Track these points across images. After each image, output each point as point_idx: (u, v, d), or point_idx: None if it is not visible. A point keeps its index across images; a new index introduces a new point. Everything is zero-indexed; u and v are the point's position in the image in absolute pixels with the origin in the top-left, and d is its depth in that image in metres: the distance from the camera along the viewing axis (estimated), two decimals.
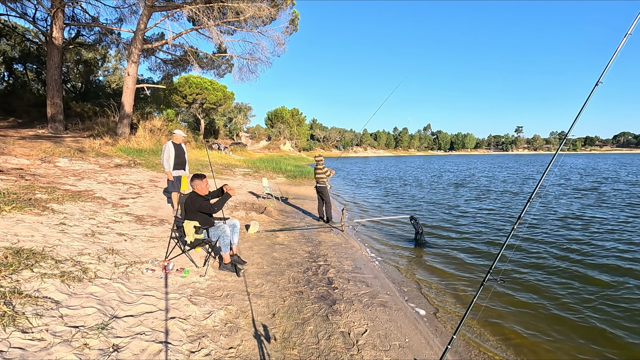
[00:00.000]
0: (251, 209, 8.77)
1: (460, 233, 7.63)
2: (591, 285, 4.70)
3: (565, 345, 3.38)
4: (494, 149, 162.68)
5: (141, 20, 15.17)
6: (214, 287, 3.80)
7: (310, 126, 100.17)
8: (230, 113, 63.45)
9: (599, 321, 3.78)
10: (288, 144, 71.03)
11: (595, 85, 2.17)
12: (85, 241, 4.20)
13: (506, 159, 69.45)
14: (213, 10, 14.61)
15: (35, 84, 24.15)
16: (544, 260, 5.68)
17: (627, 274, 5.04)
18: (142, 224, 5.71)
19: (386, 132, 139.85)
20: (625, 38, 2.07)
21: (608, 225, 8.00)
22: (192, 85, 35.43)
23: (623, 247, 6.25)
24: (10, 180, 6.42)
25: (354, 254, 5.87)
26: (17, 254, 3.24)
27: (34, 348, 2.16)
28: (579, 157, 67.24)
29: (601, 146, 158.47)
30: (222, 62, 19.70)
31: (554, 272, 5.18)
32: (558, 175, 21.88)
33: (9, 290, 2.62)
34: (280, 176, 19.02)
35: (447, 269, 5.45)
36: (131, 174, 10.23)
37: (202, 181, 4.36)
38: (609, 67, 2.13)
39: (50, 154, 9.83)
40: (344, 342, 3.03)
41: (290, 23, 17.33)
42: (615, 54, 2.11)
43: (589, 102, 2.19)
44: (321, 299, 3.87)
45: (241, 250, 5.32)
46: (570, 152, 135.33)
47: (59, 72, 15.27)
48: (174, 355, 2.46)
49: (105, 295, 3.05)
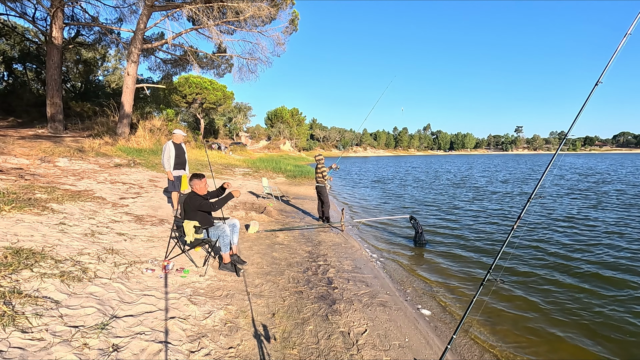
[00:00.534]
0: (251, 209, 8.77)
1: (460, 233, 7.63)
2: (591, 284, 4.70)
3: (566, 345, 3.38)
4: (493, 148, 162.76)
5: (141, 20, 15.16)
6: (214, 287, 3.80)
7: (310, 126, 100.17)
8: (230, 113, 63.40)
9: (599, 321, 3.78)
10: (288, 144, 71.02)
11: (595, 85, 2.17)
12: (85, 241, 4.20)
13: (506, 158, 69.48)
14: (213, 10, 14.60)
15: (34, 84, 24.13)
16: (544, 260, 5.68)
17: (629, 271, 5.04)
18: (142, 223, 5.71)
19: (386, 132, 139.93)
20: (625, 38, 2.07)
21: (608, 225, 8.00)
22: (192, 85, 35.41)
23: (624, 246, 6.26)
24: (9, 180, 6.41)
25: (354, 254, 5.87)
26: (16, 254, 3.24)
27: (33, 348, 2.16)
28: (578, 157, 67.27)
29: (601, 146, 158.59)
30: (222, 62, 19.68)
31: (554, 271, 5.18)
32: (557, 175, 21.89)
33: (8, 290, 2.61)
34: (280, 176, 19.02)
35: (446, 268, 5.45)
36: (131, 174, 10.23)
37: (200, 181, 4.35)
38: (609, 67, 2.13)
39: (50, 154, 9.83)
40: (344, 341, 3.03)
41: (290, 23, 17.32)
42: (615, 53, 2.11)
43: (589, 102, 2.19)
44: (321, 298, 3.87)
45: (241, 250, 5.32)
46: (570, 152, 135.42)
47: (58, 71, 15.26)
48: (173, 355, 2.46)
49: (105, 295, 3.04)
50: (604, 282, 4.76)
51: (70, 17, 17.11)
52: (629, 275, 4.96)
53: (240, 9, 14.80)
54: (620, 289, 4.53)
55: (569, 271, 5.19)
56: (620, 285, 4.64)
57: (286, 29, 17.36)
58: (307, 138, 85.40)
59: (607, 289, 4.57)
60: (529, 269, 5.29)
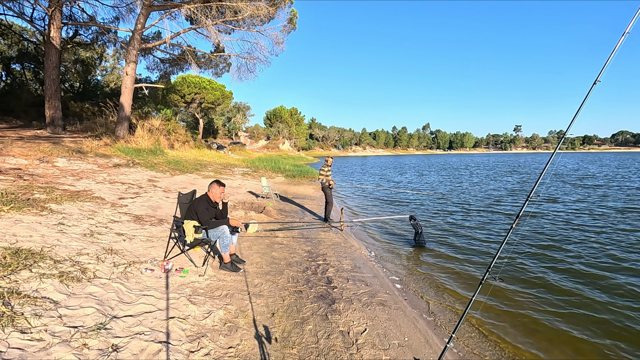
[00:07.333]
0: (250, 209, 8.76)
1: (459, 232, 7.64)
2: (591, 283, 4.72)
3: (565, 344, 3.39)
4: (492, 147, 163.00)
5: (139, 20, 15.12)
6: (213, 286, 3.80)
7: (309, 125, 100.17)
8: (229, 112, 63.37)
9: (599, 320, 3.79)
10: (287, 144, 70.98)
11: (594, 84, 2.17)
12: (84, 241, 4.19)
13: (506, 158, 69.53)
14: (211, 9, 14.58)
15: (33, 84, 24.07)
16: (543, 259, 5.70)
17: (628, 270, 5.05)
18: (141, 223, 5.70)
19: (385, 131, 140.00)
20: (624, 37, 2.07)
21: (608, 224, 8.03)
22: (191, 85, 35.34)
23: (625, 245, 6.28)
24: (8, 180, 6.39)
25: (353, 253, 5.88)
26: (15, 254, 3.23)
27: (32, 348, 2.15)
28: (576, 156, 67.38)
29: (599, 145, 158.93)
30: (220, 62, 19.66)
31: (553, 270, 5.20)
32: (556, 175, 21.93)
33: (7, 291, 2.61)
34: (279, 175, 19.00)
35: (446, 267, 5.46)
36: (130, 174, 10.21)
37: (219, 188, 4.40)
38: (607, 65, 2.13)
39: (48, 154, 9.80)
40: (344, 341, 3.04)
41: (289, 22, 17.31)
42: (614, 52, 2.11)
43: (588, 100, 2.19)
44: (320, 298, 3.87)
45: (240, 250, 5.31)
46: (569, 150, 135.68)
47: (57, 72, 15.22)
48: (173, 355, 2.46)
49: (104, 295, 3.04)
50: (604, 281, 4.78)
51: (68, 16, 17.07)
52: (631, 277, 4.97)
53: (239, 8, 14.78)
54: (621, 288, 4.55)
55: (568, 270, 5.20)
56: (622, 284, 4.65)
57: (285, 28, 17.35)
58: (306, 138, 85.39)
59: (607, 288, 4.58)
60: (528, 268, 5.29)
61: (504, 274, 5.04)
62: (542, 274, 5.06)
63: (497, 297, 4.34)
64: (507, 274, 5.07)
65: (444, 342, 3.25)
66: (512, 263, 5.48)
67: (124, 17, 17.50)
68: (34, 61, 22.37)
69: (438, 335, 3.43)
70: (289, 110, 74.31)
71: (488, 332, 3.58)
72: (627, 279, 4.78)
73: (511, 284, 4.73)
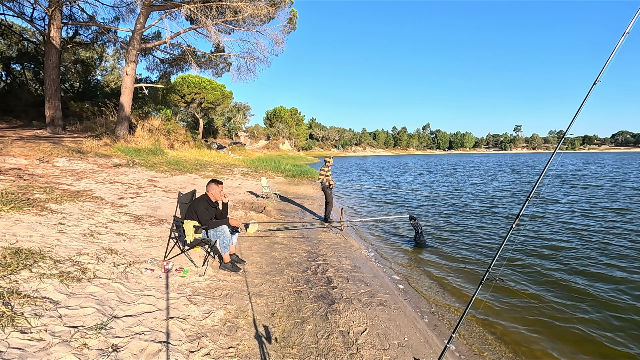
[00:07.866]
0: (250, 209, 8.76)
1: (459, 232, 7.64)
2: (591, 283, 4.72)
3: (565, 343, 3.39)
4: (492, 148, 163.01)
5: (139, 20, 15.12)
6: (213, 286, 3.80)
7: (309, 125, 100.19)
8: (229, 112, 63.39)
9: (598, 320, 3.79)
10: (287, 144, 70.99)
11: (594, 84, 2.17)
12: (84, 241, 4.19)
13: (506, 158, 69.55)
14: (211, 9, 14.59)
15: (33, 84, 24.08)
16: (543, 258, 5.70)
17: (628, 270, 5.06)
18: (141, 223, 5.70)
19: (385, 131, 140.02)
20: (624, 37, 2.07)
21: (607, 224, 8.03)
22: (191, 85, 35.37)
23: (625, 245, 6.28)
24: (8, 180, 6.39)
25: (353, 253, 5.88)
26: (15, 254, 3.23)
27: (32, 348, 2.15)
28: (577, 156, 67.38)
29: (599, 145, 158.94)
30: (220, 61, 19.66)
31: (553, 270, 5.19)
32: (555, 175, 21.93)
33: (7, 291, 2.61)
34: (279, 175, 19.00)
35: (446, 267, 5.46)
36: (130, 174, 10.21)
37: (218, 186, 4.41)
38: (607, 65, 2.13)
39: (48, 154, 9.80)
40: (343, 341, 3.04)
41: (289, 22, 17.31)
42: (614, 52, 2.11)
43: (588, 100, 2.19)
44: (320, 298, 3.87)
45: (240, 250, 5.31)
46: (569, 150, 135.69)
47: (57, 72, 15.22)
48: (173, 355, 2.46)
49: (104, 295, 3.04)
50: (605, 280, 4.78)
51: (68, 16, 17.07)
52: (630, 277, 4.97)
53: (239, 8, 14.78)
54: (621, 287, 4.55)
55: (568, 269, 5.20)
56: (622, 283, 4.66)
57: (285, 28, 17.35)
58: (306, 137, 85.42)
59: (607, 288, 4.58)
60: (528, 268, 5.30)
61: (504, 273, 5.04)
62: (543, 273, 5.06)
63: (497, 296, 4.34)
64: (507, 273, 5.07)
65: (443, 342, 3.25)
66: (512, 263, 5.48)
67: (124, 17, 17.51)
68: (34, 61, 22.38)
69: (438, 335, 3.43)
70: (289, 110, 74.34)
71: (488, 332, 3.58)
72: (627, 277, 4.78)
73: (511, 283, 4.73)
